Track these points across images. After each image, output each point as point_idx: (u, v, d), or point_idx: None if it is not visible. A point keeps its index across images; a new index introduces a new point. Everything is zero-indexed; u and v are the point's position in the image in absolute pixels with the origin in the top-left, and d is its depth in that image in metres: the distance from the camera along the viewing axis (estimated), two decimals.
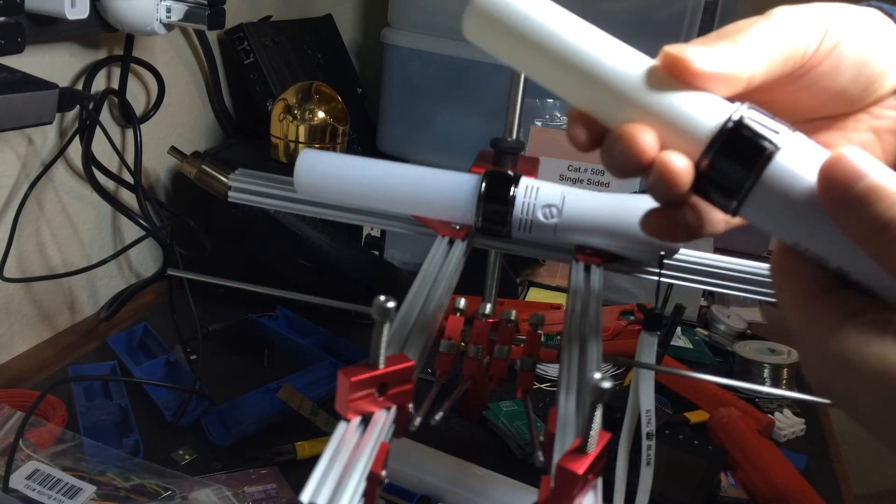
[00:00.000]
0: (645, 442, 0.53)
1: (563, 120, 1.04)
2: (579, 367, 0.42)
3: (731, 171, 0.31)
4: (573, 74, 0.33)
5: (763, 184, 0.30)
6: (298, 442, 0.68)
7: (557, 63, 0.33)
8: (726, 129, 0.31)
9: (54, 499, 0.57)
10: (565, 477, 0.31)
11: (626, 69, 0.33)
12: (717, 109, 0.31)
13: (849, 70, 0.34)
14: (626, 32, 0.38)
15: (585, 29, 0.34)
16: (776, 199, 0.30)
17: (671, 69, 0.31)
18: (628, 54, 0.34)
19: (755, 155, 0.30)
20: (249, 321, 0.87)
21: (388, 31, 1.15)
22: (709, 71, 0.31)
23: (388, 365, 0.34)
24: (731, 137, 0.30)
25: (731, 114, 0.31)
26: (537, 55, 0.34)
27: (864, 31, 0.34)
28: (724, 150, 0.31)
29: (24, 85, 0.59)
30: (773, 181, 0.30)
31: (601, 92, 0.33)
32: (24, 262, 0.77)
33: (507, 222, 0.51)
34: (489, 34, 0.35)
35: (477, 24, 0.35)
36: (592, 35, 0.34)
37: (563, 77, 0.34)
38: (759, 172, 0.30)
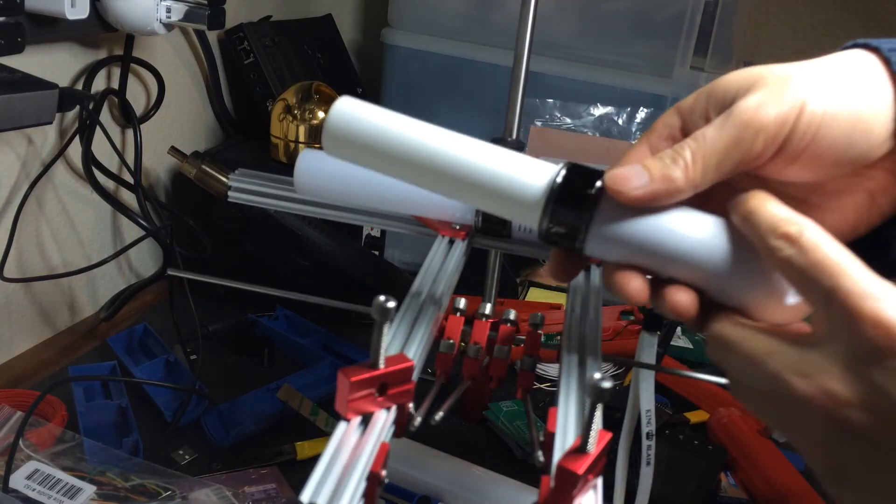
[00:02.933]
0: (645, 442, 0.53)
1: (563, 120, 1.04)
2: (579, 367, 0.42)
3: (569, 218, 0.36)
4: (425, 175, 0.39)
5: (596, 222, 0.36)
6: (298, 442, 0.68)
7: (409, 166, 0.40)
8: (556, 187, 0.36)
9: (54, 499, 0.57)
10: (565, 477, 0.31)
11: (469, 160, 0.39)
12: (544, 172, 0.37)
13: (838, 141, 0.33)
14: (627, 32, 0.38)
15: (430, 133, 0.40)
16: (609, 233, 0.36)
17: (612, 193, 0.35)
18: (470, 148, 0.39)
19: (584, 201, 0.36)
20: (249, 321, 0.87)
21: (388, 31, 1.15)
22: (648, 195, 0.34)
23: (388, 365, 0.35)
24: (561, 193, 0.36)
25: (555, 175, 0.37)
26: (393, 163, 0.40)
27: (850, 94, 0.33)
28: (559, 204, 0.36)
29: (24, 85, 0.59)
30: (603, 219, 0.36)
31: (455, 184, 0.39)
32: (24, 262, 0.77)
33: (507, 222, 0.51)
34: (348, 151, 0.41)
35: (334, 143, 0.40)
36: (438, 137, 0.40)
37: (415, 176, 0.40)
38: (591, 214, 0.36)
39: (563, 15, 1.04)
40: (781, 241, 0.31)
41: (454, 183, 0.39)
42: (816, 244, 0.30)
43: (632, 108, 1.02)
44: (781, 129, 0.33)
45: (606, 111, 1.03)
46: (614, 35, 1.02)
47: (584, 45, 1.03)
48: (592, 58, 1.03)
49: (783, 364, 0.31)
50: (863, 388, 0.29)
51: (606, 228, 0.36)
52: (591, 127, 1.03)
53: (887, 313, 0.28)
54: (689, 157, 0.34)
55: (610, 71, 1.02)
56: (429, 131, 0.40)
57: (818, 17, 1.25)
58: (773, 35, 1.28)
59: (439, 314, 0.47)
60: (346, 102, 0.41)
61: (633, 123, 1.02)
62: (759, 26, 1.28)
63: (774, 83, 0.33)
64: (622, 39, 1.02)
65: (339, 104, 0.41)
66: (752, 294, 0.34)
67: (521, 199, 0.38)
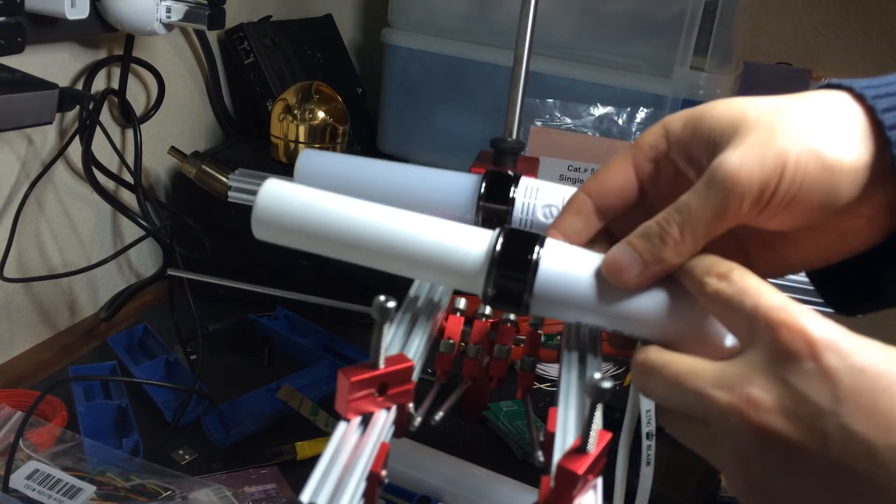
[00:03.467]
0: (645, 442, 0.53)
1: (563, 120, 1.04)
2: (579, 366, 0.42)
3: (511, 285, 0.38)
4: (361, 252, 0.40)
5: (538, 288, 0.37)
6: (298, 442, 0.68)
7: (344, 245, 0.40)
8: (495, 255, 0.38)
9: (54, 499, 0.57)
10: (565, 477, 0.31)
11: (405, 235, 0.40)
12: (481, 240, 0.39)
13: (819, 194, 0.34)
14: (626, 32, 0.39)
15: (363, 210, 0.41)
16: (551, 297, 0.37)
17: (610, 279, 0.37)
18: (406, 223, 0.40)
19: (524, 269, 0.37)
20: (249, 321, 0.87)
21: (388, 31, 1.15)
22: (647, 280, 0.36)
23: (388, 365, 0.35)
24: (501, 262, 0.38)
25: (494, 242, 0.38)
26: (327, 244, 0.41)
27: (833, 145, 0.33)
28: (501, 273, 0.38)
29: (24, 85, 0.59)
30: (544, 285, 0.37)
31: (395, 260, 0.40)
32: (24, 262, 0.77)
33: (507, 222, 0.51)
34: (281, 235, 0.41)
35: (265, 228, 0.41)
36: (371, 213, 0.40)
37: (351, 254, 0.41)
38: (533, 282, 0.37)
39: (563, 15, 1.04)
40: (713, 278, 0.34)
41: (394, 259, 0.40)
42: (742, 276, 0.33)
43: (632, 108, 1.02)
44: (765, 193, 0.33)
45: (606, 111, 1.03)
46: (614, 35, 1.02)
47: (584, 45, 1.03)
48: (592, 58, 1.03)
49: (706, 380, 0.32)
50: (781, 391, 0.30)
51: (548, 293, 0.38)
52: (591, 127, 1.03)
53: (801, 320, 0.30)
54: (677, 233, 0.35)
55: (610, 71, 1.02)
56: (361, 209, 0.41)
57: (818, 17, 1.25)
58: (773, 35, 1.28)
59: (439, 314, 0.47)
60: (273, 185, 0.41)
61: (633, 123, 1.02)
62: (759, 26, 1.28)
63: (758, 133, 0.34)
64: (622, 39, 1.02)
65: (265, 188, 0.41)
66: (687, 339, 0.36)
67: (461, 270, 0.39)
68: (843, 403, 0.29)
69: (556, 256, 0.38)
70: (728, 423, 0.31)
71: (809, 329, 0.30)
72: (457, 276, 0.39)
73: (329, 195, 0.41)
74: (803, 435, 0.29)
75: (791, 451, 0.30)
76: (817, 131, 0.34)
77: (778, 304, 0.31)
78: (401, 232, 0.40)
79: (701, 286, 0.34)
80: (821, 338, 0.30)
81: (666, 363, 0.34)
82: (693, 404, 0.33)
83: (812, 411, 0.29)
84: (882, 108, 0.34)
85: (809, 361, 0.30)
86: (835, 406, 0.29)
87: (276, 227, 0.41)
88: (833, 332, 0.30)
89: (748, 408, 0.30)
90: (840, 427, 0.29)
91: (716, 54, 1.00)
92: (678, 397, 0.33)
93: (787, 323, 0.30)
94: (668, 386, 0.34)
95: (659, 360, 0.34)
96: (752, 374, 0.31)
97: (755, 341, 0.32)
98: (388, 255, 0.40)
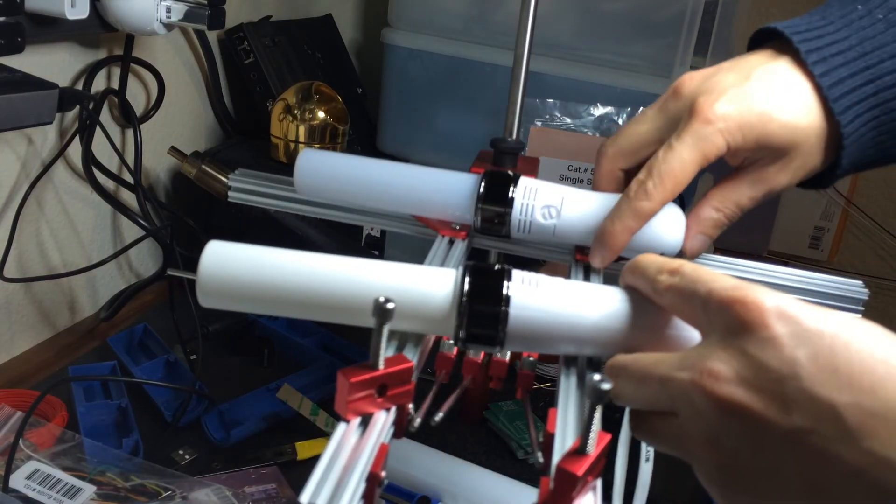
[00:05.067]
0: (644, 466, 0.53)
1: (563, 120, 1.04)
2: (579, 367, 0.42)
3: (484, 326, 0.37)
4: (317, 309, 0.38)
5: (511, 326, 0.37)
6: (298, 442, 0.68)
7: (299, 305, 0.38)
8: (464, 298, 0.37)
9: (54, 499, 0.57)
10: (564, 478, 0.31)
11: (367, 286, 0.38)
12: (445, 282, 0.38)
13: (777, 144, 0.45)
14: (626, 32, 0.39)
15: (311, 262, 0.38)
16: (524, 332, 0.38)
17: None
18: (366, 273, 0.38)
19: (495, 307, 0.37)
20: (249, 321, 0.87)
21: (388, 31, 1.15)
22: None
23: (388, 366, 0.35)
24: (471, 304, 0.37)
25: (460, 283, 0.37)
26: (280, 305, 0.38)
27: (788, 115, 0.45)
28: (472, 315, 0.37)
29: (24, 85, 0.59)
30: (517, 322, 0.37)
31: (357, 313, 0.38)
32: (24, 262, 0.77)
33: (506, 223, 0.51)
34: (227, 301, 0.39)
35: (211, 296, 0.39)
36: (321, 264, 0.38)
37: (308, 311, 0.38)
38: (506, 319, 0.37)
39: (563, 15, 1.04)
40: (666, 275, 0.36)
41: (357, 312, 0.37)
42: (693, 268, 0.35)
43: (632, 108, 1.02)
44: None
45: (606, 111, 1.03)
46: (614, 35, 1.02)
47: (583, 45, 1.03)
48: (592, 58, 1.03)
49: (669, 366, 0.33)
50: (739, 362, 0.31)
51: (522, 328, 0.37)
52: (591, 127, 1.03)
53: (754, 294, 0.31)
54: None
55: (610, 71, 1.02)
56: (316, 262, 0.38)
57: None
58: None
59: None
60: (215, 248, 0.38)
61: None
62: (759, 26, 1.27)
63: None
64: (622, 39, 1.02)
65: (206, 253, 0.38)
66: (653, 345, 0.38)
67: (430, 316, 0.38)
68: (802, 367, 0.29)
69: (526, 289, 0.38)
70: (692, 400, 0.32)
71: (762, 300, 0.31)
72: (426, 321, 0.38)
73: (277, 251, 0.38)
74: (765, 403, 0.30)
75: (754, 421, 0.30)
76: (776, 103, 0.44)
77: (731, 284, 0.33)
78: (362, 282, 0.37)
79: (654, 283, 0.37)
80: (774, 307, 0.31)
81: (634, 359, 0.35)
82: (660, 393, 0.33)
83: (771, 377, 0.30)
84: (819, 73, 0.45)
85: (765, 330, 0.30)
86: (794, 370, 0.29)
87: (224, 294, 0.38)
88: (786, 301, 0.31)
89: (708, 381, 0.31)
90: (801, 391, 0.29)
91: (716, 54, 1.00)
92: (646, 390, 0.34)
93: (740, 298, 0.32)
94: (636, 380, 0.35)
95: (628, 358, 0.36)
96: (711, 351, 0.32)
97: (712, 324, 0.33)
98: (348, 310, 0.38)
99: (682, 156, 0.44)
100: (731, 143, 0.44)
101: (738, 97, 0.44)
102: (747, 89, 0.45)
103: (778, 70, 0.46)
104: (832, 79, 0.45)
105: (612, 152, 0.49)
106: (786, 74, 0.46)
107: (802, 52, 0.45)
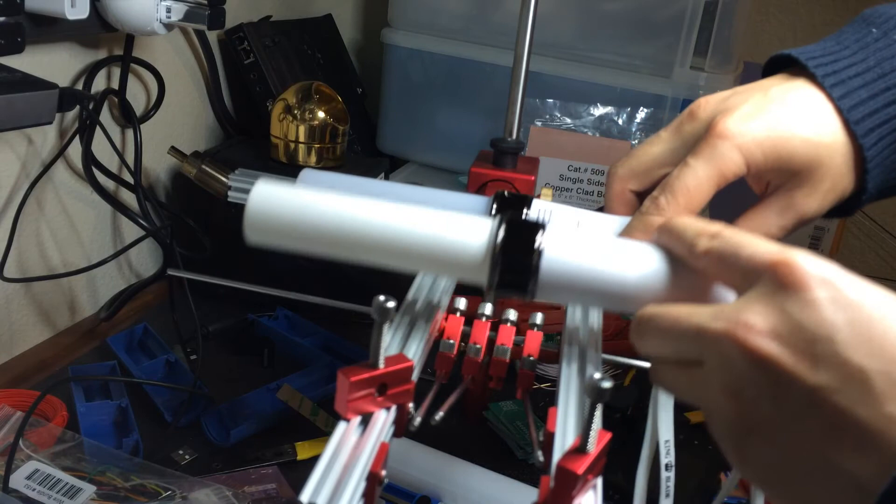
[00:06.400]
0: (664, 473, 0.52)
1: (563, 120, 1.04)
2: (579, 367, 0.42)
3: (515, 274, 0.38)
4: (355, 249, 0.40)
5: (543, 275, 0.38)
6: (298, 442, 0.68)
7: (338, 245, 0.40)
8: (498, 246, 0.38)
9: (54, 499, 0.57)
10: (565, 477, 0.31)
11: (402, 230, 0.39)
12: (481, 230, 0.39)
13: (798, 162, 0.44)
14: (627, 32, 0.39)
15: (358, 207, 0.40)
16: (556, 282, 0.38)
17: None
18: (403, 217, 0.40)
19: (528, 255, 0.38)
20: (249, 321, 0.87)
21: (388, 31, 1.15)
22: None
23: (388, 365, 0.35)
24: (505, 250, 0.38)
25: (495, 231, 0.38)
26: (325, 244, 0.40)
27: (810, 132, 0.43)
28: (505, 262, 0.38)
29: (24, 85, 0.59)
30: (549, 271, 0.38)
31: (394, 256, 0.40)
32: (24, 262, 0.77)
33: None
34: (271, 238, 0.41)
35: (258, 231, 0.40)
36: (367, 210, 0.40)
37: (352, 253, 0.40)
38: (538, 268, 0.38)
39: (563, 15, 1.04)
40: (705, 238, 0.36)
41: (394, 254, 0.39)
42: (734, 233, 0.36)
43: (632, 108, 1.02)
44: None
45: (606, 111, 1.03)
46: (614, 35, 1.02)
47: (584, 45, 1.03)
48: (592, 58, 1.03)
49: (703, 316, 0.33)
50: (777, 318, 0.31)
51: (553, 280, 0.38)
52: (591, 127, 1.03)
53: (799, 259, 0.32)
54: None
55: (610, 71, 1.02)
56: (357, 206, 0.40)
57: (818, 17, 1.25)
58: (773, 35, 1.28)
59: (439, 314, 0.47)
60: (263, 189, 0.40)
61: (633, 123, 1.02)
62: (759, 26, 1.28)
63: None
64: (622, 39, 1.02)
65: (255, 192, 0.40)
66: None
67: (463, 262, 0.39)
68: (839, 331, 0.30)
69: (559, 243, 0.39)
70: (722, 349, 0.32)
71: (807, 266, 0.31)
72: (460, 268, 0.39)
73: (322, 193, 0.40)
74: (795, 358, 0.30)
75: (781, 374, 0.31)
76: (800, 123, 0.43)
77: (775, 249, 0.33)
78: (400, 227, 0.39)
79: (692, 246, 0.37)
80: (818, 272, 0.31)
81: (666, 309, 0.35)
82: (689, 342, 0.34)
83: (806, 336, 0.30)
84: (839, 96, 0.43)
85: (807, 292, 0.31)
86: (830, 333, 0.30)
87: (270, 231, 0.40)
88: (830, 269, 0.32)
89: (742, 331, 0.31)
90: (833, 353, 0.30)
91: (716, 54, 1.00)
92: (674, 339, 0.35)
93: (784, 260, 0.32)
94: (665, 329, 0.35)
95: (659, 308, 0.36)
96: (749, 305, 0.32)
97: (753, 283, 0.33)
98: (387, 251, 0.39)
99: (696, 172, 0.42)
100: (751, 162, 0.42)
101: (756, 114, 0.43)
102: (766, 108, 0.43)
103: (796, 90, 0.44)
104: (852, 100, 0.44)
105: (623, 173, 0.47)
106: (805, 94, 0.44)
107: (819, 76, 0.44)
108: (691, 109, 0.45)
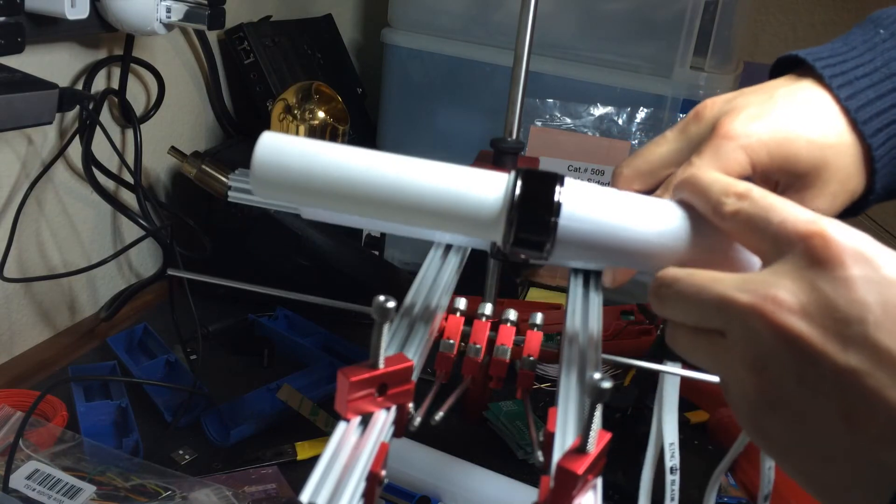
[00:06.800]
0: (669, 477, 0.52)
1: (563, 120, 1.04)
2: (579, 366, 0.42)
3: (533, 231, 0.36)
4: (365, 205, 0.38)
5: (561, 232, 0.36)
6: (298, 442, 0.68)
7: (348, 200, 0.37)
8: (516, 200, 0.36)
9: (54, 499, 0.57)
10: (565, 477, 0.31)
11: (416, 183, 0.37)
12: (496, 185, 0.37)
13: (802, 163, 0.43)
14: (626, 32, 0.39)
15: (368, 158, 0.38)
16: (575, 240, 0.36)
17: None
18: (416, 169, 0.37)
19: (547, 211, 0.36)
20: (249, 321, 0.87)
21: (388, 31, 1.15)
22: None
23: (388, 365, 0.35)
24: (522, 205, 0.36)
25: (512, 186, 0.36)
26: (333, 198, 0.38)
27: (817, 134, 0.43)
28: (522, 218, 0.36)
29: (24, 85, 0.59)
30: (567, 227, 0.36)
31: (404, 211, 0.37)
32: (24, 262, 0.77)
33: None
34: (278, 192, 0.38)
35: (264, 186, 0.38)
36: (377, 161, 0.38)
37: (355, 206, 0.38)
38: (556, 223, 0.36)
39: (563, 15, 1.04)
40: (733, 198, 0.35)
41: (405, 210, 0.37)
42: (764, 194, 0.34)
43: (632, 108, 1.02)
44: None
45: (606, 111, 1.03)
46: (614, 35, 1.02)
47: (584, 45, 1.03)
48: (592, 58, 1.03)
49: (728, 285, 0.32)
50: (808, 295, 0.30)
51: (572, 236, 0.36)
52: (591, 127, 1.03)
53: (834, 231, 0.31)
54: None
55: (610, 71, 1.02)
56: (367, 158, 0.37)
57: (818, 17, 1.25)
58: (773, 35, 1.28)
59: (439, 314, 0.47)
60: (270, 139, 0.38)
61: (633, 123, 1.02)
62: (759, 26, 1.28)
63: None
64: (622, 39, 1.02)
65: (262, 143, 0.38)
66: (710, 267, 0.35)
67: (477, 216, 0.36)
68: (871, 312, 0.29)
69: (578, 197, 0.37)
70: (748, 323, 0.31)
71: (842, 240, 0.30)
72: (473, 223, 0.37)
73: (332, 144, 0.38)
74: (825, 338, 0.30)
75: (809, 353, 0.30)
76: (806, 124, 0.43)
77: (809, 217, 0.32)
78: (411, 180, 0.37)
79: (719, 206, 0.35)
80: (854, 247, 0.30)
81: (689, 274, 0.34)
82: (712, 311, 0.33)
83: (837, 316, 0.29)
84: (846, 97, 0.43)
85: (841, 269, 0.30)
86: (862, 314, 0.29)
87: (277, 183, 0.38)
88: (866, 243, 0.30)
89: (770, 307, 0.30)
90: (864, 335, 0.29)
91: (716, 54, 1.00)
92: (697, 307, 0.33)
93: (818, 232, 0.31)
94: (688, 295, 0.34)
95: (682, 272, 0.34)
96: (778, 278, 0.31)
97: (782, 254, 0.32)
98: (398, 206, 0.37)
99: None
100: (755, 162, 0.42)
101: (761, 115, 0.43)
102: (772, 108, 0.43)
103: (803, 91, 0.44)
104: (860, 101, 0.43)
105: (628, 173, 0.47)
106: (812, 95, 0.44)
107: (826, 76, 0.44)
108: (697, 110, 0.45)
